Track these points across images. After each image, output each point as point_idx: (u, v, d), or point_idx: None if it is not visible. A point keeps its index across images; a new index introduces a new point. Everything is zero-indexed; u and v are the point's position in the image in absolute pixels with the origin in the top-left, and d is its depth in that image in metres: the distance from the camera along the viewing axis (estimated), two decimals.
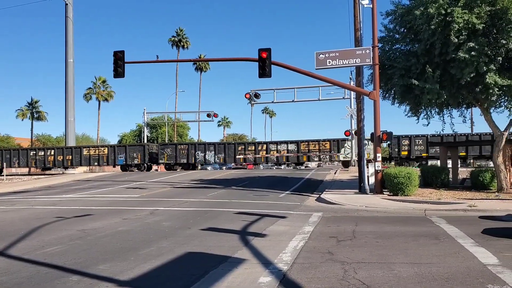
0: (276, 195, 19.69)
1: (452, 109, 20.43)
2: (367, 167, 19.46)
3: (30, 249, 8.69)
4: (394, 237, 9.51)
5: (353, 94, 38.10)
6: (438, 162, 39.75)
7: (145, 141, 56.11)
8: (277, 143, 43.77)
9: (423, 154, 38.77)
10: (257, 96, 42.22)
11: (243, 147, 43.87)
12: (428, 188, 20.04)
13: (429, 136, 39.34)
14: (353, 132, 37.94)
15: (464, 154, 37.42)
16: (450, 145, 28.63)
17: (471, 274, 6.41)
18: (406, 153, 39.73)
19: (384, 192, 18.53)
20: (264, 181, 27.69)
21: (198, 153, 44.44)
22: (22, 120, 74.00)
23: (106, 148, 46.77)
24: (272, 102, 45.14)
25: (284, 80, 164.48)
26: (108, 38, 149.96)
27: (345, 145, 40.07)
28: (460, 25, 15.79)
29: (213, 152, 43.95)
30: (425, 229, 10.52)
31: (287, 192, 21.11)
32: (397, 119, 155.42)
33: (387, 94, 20.37)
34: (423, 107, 19.46)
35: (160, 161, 45.60)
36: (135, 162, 45.12)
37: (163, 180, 30.88)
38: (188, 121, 69.74)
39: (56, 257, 7.91)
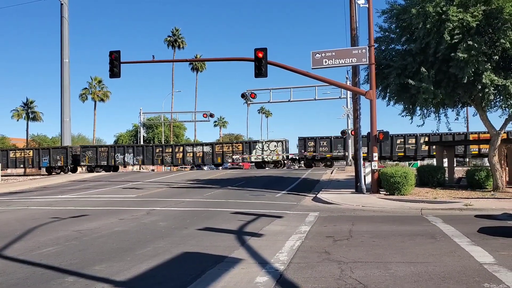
0: (273, 195, 19.69)
1: (447, 109, 20.49)
2: (364, 167, 19.48)
3: (26, 250, 8.65)
4: (391, 237, 9.53)
5: (349, 93, 38.24)
6: (344, 162, 42.41)
7: (141, 142, 56.02)
8: (193, 145, 47.26)
9: (327, 155, 41.40)
10: (253, 96, 42.25)
11: (161, 149, 45.86)
12: (424, 187, 20.08)
13: (332, 138, 42.20)
14: (349, 131, 38.08)
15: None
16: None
17: (467, 273, 6.43)
18: (311, 153, 42.04)
19: (381, 192, 18.56)
20: (261, 181, 27.68)
21: (117, 155, 46.04)
22: (18, 120, 73.82)
23: (31, 150, 48.11)
24: (268, 102, 45.21)
25: (280, 80, 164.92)
26: (104, 38, 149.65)
27: (256, 147, 43.38)
28: (455, 24, 15.84)
29: (132, 154, 45.59)
30: (421, 228, 10.54)
31: (283, 192, 21.10)
32: (390, 119, 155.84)
33: (382, 94, 20.40)
34: (418, 107, 19.51)
35: (82, 163, 47.12)
36: (58, 164, 46.54)
37: (160, 180, 30.83)
38: (185, 121, 69.68)
39: (52, 258, 7.88)
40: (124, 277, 6.55)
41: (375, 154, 18.79)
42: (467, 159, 42.42)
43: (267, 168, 42.31)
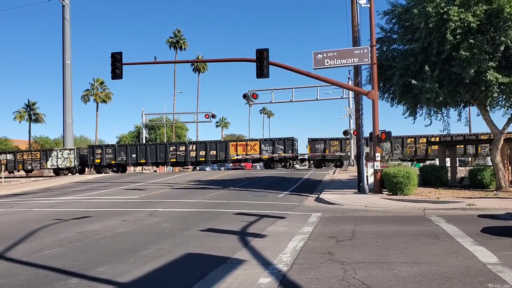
0: (275, 196, 19.68)
1: (449, 108, 20.44)
2: (366, 167, 19.45)
3: (29, 252, 8.66)
4: (394, 237, 9.50)
5: (351, 93, 38.18)
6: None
7: (144, 142, 56.06)
8: None
9: (112, 162, 45.26)
10: (255, 96, 42.24)
11: None
12: (427, 187, 20.05)
13: (116, 146, 46.21)
14: (351, 131, 38.05)
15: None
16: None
17: (470, 273, 6.41)
18: (99, 160, 45.64)
19: (383, 192, 18.53)
20: (263, 182, 27.68)
21: None
22: (20, 122, 73.78)
23: None
24: (270, 102, 45.10)
25: (282, 80, 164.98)
26: (105, 39, 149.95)
27: (52, 154, 46.40)
28: (456, 23, 15.84)
29: None
30: (424, 229, 10.52)
31: (286, 192, 21.09)
32: (394, 120, 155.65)
33: (385, 95, 20.38)
34: (421, 107, 19.48)
35: None
36: None
37: (162, 181, 30.85)
38: (186, 122, 69.63)
39: (55, 260, 7.89)
40: (127, 279, 6.56)
41: (378, 154, 18.77)
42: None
43: (69, 175, 45.39)
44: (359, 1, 19.32)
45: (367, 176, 19.31)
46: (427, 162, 37.26)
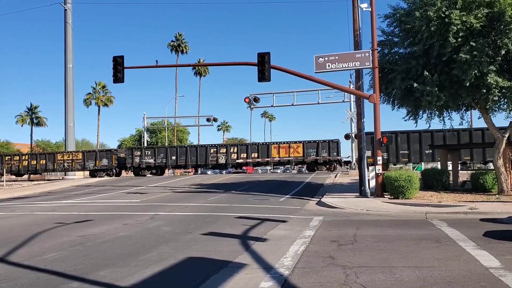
0: (277, 199, 19.66)
1: (451, 112, 20.41)
2: (368, 171, 19.44)
3: (30, 256, 8.65)
4: (396, 241, 9.48)
5: (353, 97, 38.22)
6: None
7: (145, 146, 56.12)
8: None
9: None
10: (256, 100, 42.33)
11: None
12: (428, 191, 20.01)
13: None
14: (353, 135, 38.06)
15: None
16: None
17: (473, 278, 6.38)
18: None
19: (385, 196, 18.50)
20: (264, 185, 27.66)
21: None
22: (22, 126, 74.18)
23: None
24: (272, 106, 45.22)
25: (283, 84, 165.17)
26: (107, 43, 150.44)
27: None
28: (458, 26, 15.86)
29: None
30: (426, 232, 10.49)
31: (287, 196, 21.07)
32: (395, 122, 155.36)
33: (386, 98, 20.38)
34: (422, 110, 19.48)
35: None
36: None
37: (164, 185, 30.85)
38: (188, 126, 69.62)
39: (56, 264, 7.88)
40: (128, 283, 6.54)
41: (379, 158, 18.76)
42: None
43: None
44: (360, 5, 19.38)
45: (368, 180, 19.30)
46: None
